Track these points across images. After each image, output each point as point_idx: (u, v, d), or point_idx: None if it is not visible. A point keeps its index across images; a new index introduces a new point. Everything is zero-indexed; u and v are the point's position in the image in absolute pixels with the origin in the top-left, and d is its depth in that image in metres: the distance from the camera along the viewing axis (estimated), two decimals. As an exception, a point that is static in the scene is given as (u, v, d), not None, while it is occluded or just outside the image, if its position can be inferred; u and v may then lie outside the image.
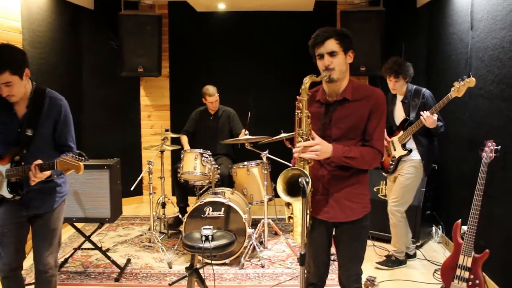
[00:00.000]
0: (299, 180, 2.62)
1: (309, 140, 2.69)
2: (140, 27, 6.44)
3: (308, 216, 2.78)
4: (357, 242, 2.94)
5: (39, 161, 3.04)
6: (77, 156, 3.03)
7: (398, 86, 4.64)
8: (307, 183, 2.62)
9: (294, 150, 2.74)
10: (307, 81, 2.75)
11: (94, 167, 4.57)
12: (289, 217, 2.93)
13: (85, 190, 4.57)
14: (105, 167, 4.56)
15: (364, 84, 2.87)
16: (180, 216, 5.75)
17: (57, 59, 5.95)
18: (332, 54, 2.74)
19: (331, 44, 2.74)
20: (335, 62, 2.75)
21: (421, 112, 4.39)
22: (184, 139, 6.07)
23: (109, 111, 6.91)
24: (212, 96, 5.96)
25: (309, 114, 2.74)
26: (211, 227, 3.69)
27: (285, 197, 2.76)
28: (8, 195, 3.16)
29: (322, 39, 2.75)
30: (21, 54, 3.04)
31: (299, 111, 2.75)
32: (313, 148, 2.64)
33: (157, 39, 6.52)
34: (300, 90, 2.77)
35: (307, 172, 2.66)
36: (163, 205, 5.69)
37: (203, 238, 3.59)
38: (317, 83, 2.91)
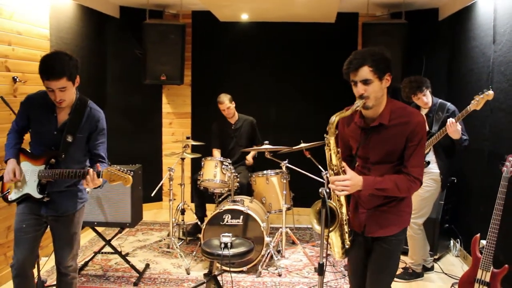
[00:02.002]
0: (320, 190, 2.63)
1: (339, 173, 2.67)
2: (164, 36, 6.51)
3: (347, 233, 2.81)
4: (390, 256, 2.86)
5: (97, 168, 3.14)
6: (124, 169, 3.14)
7: (427, 99, 4.59)
8: (328, 194, 2.63)
9: (330, 179, 2.71)
10: (333, 120, 2.66)
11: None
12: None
13: (107, 195, 4.63)
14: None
15: (403, 106, 2.74)
16: (199, 223, 5.77)
17: (83, 65, 5.94)
18: (366, 82, 2.63)
19: (365, 72, 2.62)
20: (369, 90, 2.63)
21: (448, 119, 4.33)
22: (217, 153, 6.10)
23: (131, 117, 6.98)
24: (222, 104, 6.00)
25: (339, 150, 2.71)
26: (230, 234, 3.71)
27: (317, 227, 2.75)
28: (37, 195, 3.24)
29: (356, 67, 2.63)
30: (76, 61, 3.17)
31: (327, 147, 2.70)
32: (343, 183, 2.62)
33: (180, 48, 6.59)
34: (327, 129, 2.69)
35: (333, 205, 2.68)
36: (183, 211, 5.73)
37: (222, 245, 3.62)
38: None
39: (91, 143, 3.33)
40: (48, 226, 3.38)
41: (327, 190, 2.64)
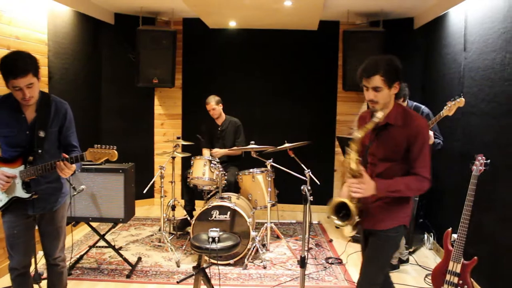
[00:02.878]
0: (302, 187, 2.65)
1: (356, 177, 2.73)
2: (156, 41, 6.49)
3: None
4: (379, 249, 2.88)
5: (65, 156, 3.06)
6: (107, 146, 3.03)
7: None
8: (309, 192, 2.64)
9: (347, 182, 2.78)
10: (359, 137, 2.73)
11: (110, 171, 4.60)
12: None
13: (101, 192, 4.60)
14: (120, 171, 4.58)
15: (410, 111, 2.86)
16: (188, 218, 5.76)
17: (79, 69, 6.01)
18: (376, 89, 2.73)
19: (376, 81, 2.72)
20: (379, 96, 2.75)
21: None
22: (206, 153, 6.08)
23: (125, 118, 6.95)
24: (208, 104, 6.02)
25: (359, 159, 2.75)
26: (217, 229, 3.70)
27: (336, 221, 2.83)
28: (25, 195, 3.15)
29: (369, 75, 2.72)
30: (36, 58, 3.05)
31: (348, 156, 2.76)
32: (358, 185, 2.68)
33: (172, 53, 6.57)
34: (352, 143, 2.75)
35: (350, 205, 2.73)
36: (173, 207, 5.71)
37: (210, 239, 3.61)
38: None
39: (62, 135, 3.25)
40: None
41: (309, 188, 2.65)
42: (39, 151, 3.13)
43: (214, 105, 5.99)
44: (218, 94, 6.12)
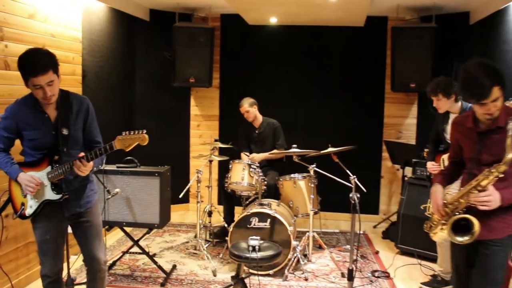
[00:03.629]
0: (350, 195, 2.62)
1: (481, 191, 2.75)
2: (193, 39, 6.55)
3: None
4: (491, 260, 2.87)
5: (82, 154, 3.10)
6: (135, 131, 3.05)
7: (441, 105, 4.50)
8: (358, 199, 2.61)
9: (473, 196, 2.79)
10: (498, 170, 2.73)
11: (145, 174, 4.66)
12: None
13: (136, 196, 4.66)
14: (156, 174, 4.64)
15: (510, 109, 2.86)
16: (226, 225, 5.78)
17: (113, 67, 6.12)
18: (495, 100, 2.73)
19: (495, 92, 2.70)
20: (498, 105, 2.75)
21: None
22: (245, 157, 6.07)
23: (160, 119, 7.04)
24: (241, 107, 6.05)
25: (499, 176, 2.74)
26: (258, 237, 3.70)
27: (455, 238, 2.84)
28: (55, 196, 3.19)
29: (488, 91, 2.68)
30: (54, 55, 3.10)
31: (491, 174, 2.75)
32: (485, 198, 2.71)
33: (209, 51, 6.63)
34: (503, 164, 2.73)
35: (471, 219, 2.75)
36: (210, 213, 5.75)
37: (250, 248, 3.61)
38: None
39: (86, 131, 3.30)
40: (70, 228, 3.38)
41: (358, 195, 2.62)
42: (64, 149, 3.18)
43: (247, 107, 6.02)
44: (257, 94, 6.13)
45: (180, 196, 5.36)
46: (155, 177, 4.64)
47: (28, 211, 3.24)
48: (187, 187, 5.52)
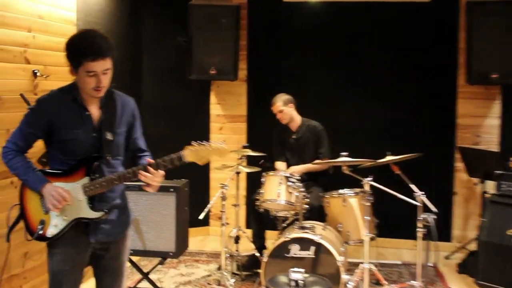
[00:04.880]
0: (422, 217, 2.54)
1: None
2: (213, 20, 6.57)
3: None
4: None
5: (151, 160, 3.12)
6: (210, 142, 3.08)
7: None
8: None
9: None
10: None
11: (158, 189, 4.65)
12: None
13: (146, 217, 4.67)
14: (171, 190, 4.66)
15: None
16: (257, 254, 5.76)
17: (116, 57, 6.12)
18: None
19: None
20: None
21: None
22: (282, 167, 6.08)
23: (172, 121, 7.04)
24: (273, 105, 6.06)
25: None
26: (302, 270, 3.66)
27: None
28: (93, 214, 3.17)
29: None
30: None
31: None
32: None
33: (234, 35, 6.63)
34: None
35: None
36: (237, 239, 5.72)
37: (293, 283, 3.57)
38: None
39: (131, 138, 3.35)
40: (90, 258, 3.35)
41: (434, 217, 2.54)
42: (108, 157, 3.20)
43: (281, 106, 6.00)
44: (295, 89, 6.11)
45: (201, 217, 5.31)
46: (170, 193, 4.65)
47: (51, 230, 3.18)
48: (209, 206, 5.47)
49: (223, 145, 3.06)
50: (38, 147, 3.34)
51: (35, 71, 4.70)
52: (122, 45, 6.32)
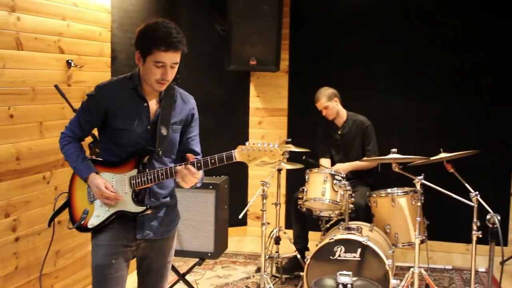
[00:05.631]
0: (488, 217, 2.59)
1: None
2: (254, 7, 6.58)
3: None
4: None
5: (192, 157, 3.20)
6: (264, 143, 3.12)
7: None
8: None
9: None
10: None
11: (196, 187, 4.73)
12: None
13: (184, 216, 4.67)
14: (210, 187, 4.70)
15: None
16: (299, 256, 5.82)
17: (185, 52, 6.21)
18: None
19: None
20: None
21: None
22: (326, 164, 6.13)
23: (209, 114, 7.06)
24: (317, 102, 6.10)
25: None
26: (350, 273, 3.71)
27: None
28: (137, 208, 3.24)
29: None
30: None
31: None
32: None
33: (276, 23, 6.63)
34: None
35: None
36: (277, 240, 5.77)
37: (340, 287, 3.62)
38: None
39: (184, 137, 3.42)
40: (135, 256, 3.42)
41: (498, 218, 2.59)
42: (160, 152, 3.28)
43: (326, 101, 6.04)
44: (341, 81, 6.12)
45: (240, 216, 5.39)
46: (210, 191, 4.71)
47: (92, 221, 3.28)
48: (249, 204, 5.55)
49: (276, 149, 3.08)
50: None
51: (69, 61, 4.79)
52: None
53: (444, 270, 6.32)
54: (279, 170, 5.76)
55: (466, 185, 5.12)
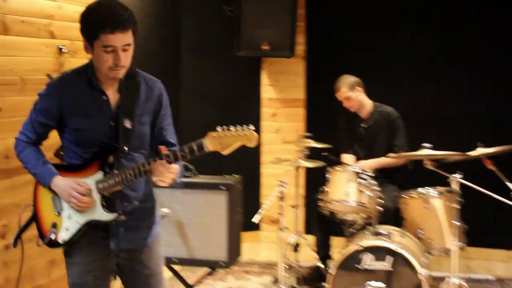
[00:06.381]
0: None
1: None
2: (266, -16, 6.56)
3: None
4: None
5: (165, 149, 3.05)
6: (238, 126, 2.99)
7: None
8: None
9: None
10: None
11: (207, 187, 4.71)
12: None
13: (193, 220, 4.71)
14: (222, 187, 4.67)
15: None
16: (321, 265, 5.77)
17: (149, 31, 6.19)
18: None
19: None
20: None
21: None
22: (350, 161, 6.07)
23: (216, 106, 7.07)
24: (337, 91, 6.03)
25: None
26: (382, 285, 3.64)
27: None
28: (106, 216, 3.15)
29: None
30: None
31: None
32: None
33: (291, 2, 6.58)
34: None
35: None
36: (296, 247, 5.73)
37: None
38: None
39: (156, 127, 3.33)
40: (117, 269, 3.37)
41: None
42: (125, 148, 3.18)
43: (347, 91, 5.97)
44: (365, 67, 6.05)
45: (255, 220, 5.33)
46: (221, 192, 4.69)
47: (62, 235, 3.21)
48: (265, 207, 5.48)
49: (252, 129, 2.96)
50: (55, 138, 3.36)
51: (61, 47, 4.76)
52: (157, 16, 6.37)
53: (483, 281, 6.23)
54: (297, 168, 5.67)
55: (508, 183, 5.06)
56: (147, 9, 6.13)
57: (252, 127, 2.97)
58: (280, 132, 7.29)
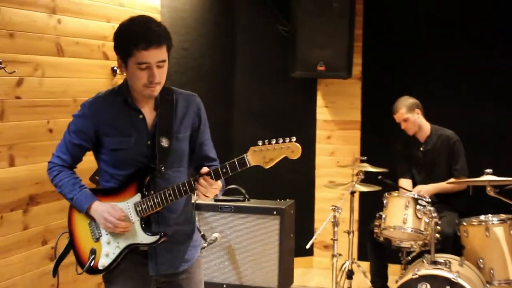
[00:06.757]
0: None
1: None
2: (323, 4, 6.56)
3: None
4: None
5: (206, 169, 3.06)
6: (280, 139, 3.01)
7: None
8: None
9: None
10: None
11: (258, 212, 4.74)
12: None
13: (244, 245, 4.74)
14: (274, 212, 4.70)
15: None
16: (376, 293, 5.76)
17: (204, 50, 6.29)
18: None
19: None
20: None
21: None
22: (407, 186, 6.07)
23: (270, 127, 7.08)
24: (395, 113, 6.05)
25: None
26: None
27: None
28: (149, 240, 3.15)
29: None
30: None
31: None
32: None
33: (347, 22, 6.59)
34: None
35: None
36: (350, 274, 5.72)
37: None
38: None
39: (195, 144, 3.36)
40: None
41: None
42: (162, 168, 3.19)
43: (405, 112, 5.98)
44: (423, 89, 6.06)
45: (308, 246, 5.36)
46: (273, 217, 4.71)
47: (103, 261, 3.20)
48: (318, 232, 5.52)
49: (294, 141, 2.99)
50: (90, 163, 3.37)
51: (115, 68, 4.86)
52: (212, 36, 6.46)
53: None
54: (353, 193, 5.71)
55: None
56: (203, 29, 6.23)
57: (294, 138, 3.00)
58: (334, 155, 7.29)
